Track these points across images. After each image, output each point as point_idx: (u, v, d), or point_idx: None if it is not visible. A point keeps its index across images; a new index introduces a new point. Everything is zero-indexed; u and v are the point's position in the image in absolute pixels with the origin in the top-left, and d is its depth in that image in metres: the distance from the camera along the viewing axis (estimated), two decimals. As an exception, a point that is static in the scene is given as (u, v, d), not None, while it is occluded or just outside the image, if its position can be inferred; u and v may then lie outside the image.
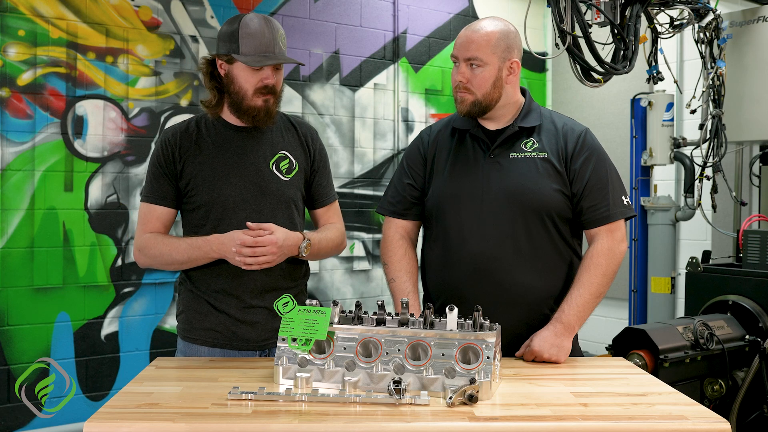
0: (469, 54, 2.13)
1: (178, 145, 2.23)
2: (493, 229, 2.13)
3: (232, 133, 2.25)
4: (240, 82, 2.17)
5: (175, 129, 2.27)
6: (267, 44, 2.15)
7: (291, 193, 2.27)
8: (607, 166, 2.19)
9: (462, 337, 1.72)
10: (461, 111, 2.18)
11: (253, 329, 2.21)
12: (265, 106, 2.19)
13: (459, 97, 2.17)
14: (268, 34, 2.15)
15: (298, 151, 2.31)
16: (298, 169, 2.29)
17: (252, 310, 2.21)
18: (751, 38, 4.09)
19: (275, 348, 2.21)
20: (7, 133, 3.67)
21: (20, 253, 3.70)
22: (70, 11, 3.83)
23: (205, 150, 2.23)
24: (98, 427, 1.50)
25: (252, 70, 2.15)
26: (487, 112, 2.18)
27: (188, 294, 2.26)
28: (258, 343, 2.23)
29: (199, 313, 2.23)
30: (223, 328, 2.21)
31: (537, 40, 5.51)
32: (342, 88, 4.75)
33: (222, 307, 2.21)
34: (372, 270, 4.84)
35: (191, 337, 2.24)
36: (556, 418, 1.55)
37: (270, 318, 2.20)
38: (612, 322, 4.75)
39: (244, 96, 2.18)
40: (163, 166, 2.22)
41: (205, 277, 2.22)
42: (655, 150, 4.35)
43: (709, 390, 3.19)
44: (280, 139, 2.29)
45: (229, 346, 2.21)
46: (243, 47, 2.14)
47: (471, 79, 2.14)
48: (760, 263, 3.51)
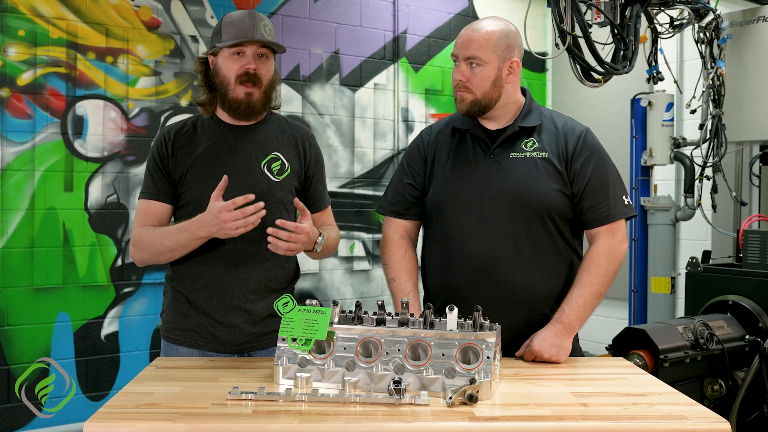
0: (469, 53, 2.13)
1: (172, 141, 2.23)
2: (494, 229, 2.13)
3: (226, 132, 2.24)
4: (223, 71, 2.17)
5: (172, 126, 2.28)
6: (246, 29, 2.14)
7: (281, 194, 2.24)
8: (608, 166, 2.19)
9: (462, 337, 1.72)
10: (461, 110, 2.19)
11: (231, 332, 2.19)
12: (247, 99, 2.17)
13: (458, 96, 2.17)
14: (249, 21, 2.15)
15: (292, 153, 2.29)
16: (290, 172, 2.27)
17: (232, 312, 2.19)
18: (751, 38, 4.09)
19: (255, 351, 2.22)
20: (7, 133, 3.68)
21: (20, 253, 3.70)
22: (70, 11, 3.83)
23: (198, 148, 2.22)
24: (98, 427, 1.50)
25: (233, 56, 2.15)
26: (487, 112, 2.18)
27: (171, 292, 2.26)
28: (236, 347, 2.21)
29: (179, 314, 2.22)
30: (201, 329, 2.20)
31: (537, 40, 5.52)
32: (342, 88, 4.75)
33: (203, 307, 2.19)
34: (372, 270, 4.84)
35: (171, 337, 2.24)
36: (556, 418, 1.55)
37: (249, 322, 2.19)
38: (612, 322, 4.75)
39: (227, 86, 2.17)
40: (158, 162, 2.23)
41: (188, 276, 2.21)
42: (655, 150, 4.35)
43: (709, 390, 3.19)
44: (275, 140, 2.28)
45: (207, 347, 2.20)
46: (224, 35, 2.16)
47: (470, 78, 2.14)
48: (760, 263, 3.51)
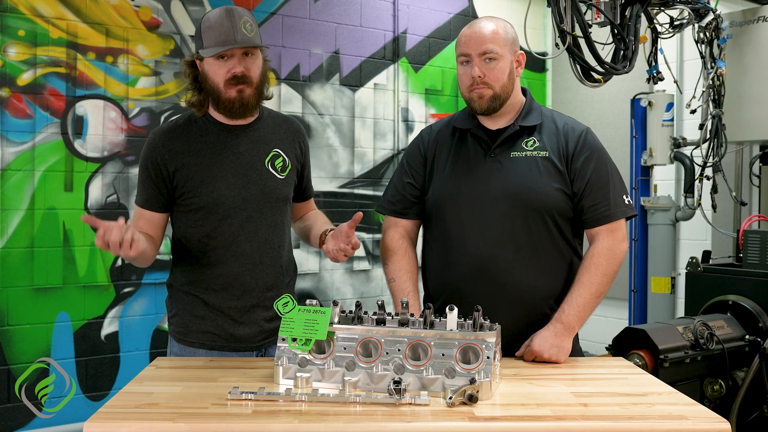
0: (484, 47, 2.11)
1: (167, 147, 2.18)
2: (494, 228, 2.13)
3: (224, 133, 2.22)
4: (211, 76, 2.15)
5: (162, 130, 2.22)
6: (226, 32, 2.11)
7: (287, 191, 2.28)
8: (608, 166, 2.19)
9: (462, 337, 1.72)
10: (480, 107, 2.14)
11: (251, 330, 2.20)
12: (240, 97, 2.15)
13: (477, 93, 2.13)
14: (227, 22, 2.11)
15: (290, 148, 2.30)
16: (291, 167, 2.29)
17: (252, 311, 2.20)
18: (751, 38, 4.09)
19: (272, 347, 2.22)
20: (7, 133, 3.67)
21: (20, 253, 3.70)
22: (70, 11, 3.83)
23: (199, 151, 2.19)
24: (98, 427, 1.50)
25: (218, 62, 2.13)
26: (502, 107, 2.17)
27: (182, 295, 2.23)
28: (255, 344, 2.22)
29: (196, 317, 2.20)
30: (220, 330, 2.19)
31: (537, 40, 5.51)
32: (342, 88, 4.75)
33: (222, 308, 2.19)
34: (372, 270, 4.84)
35: (187, 340, 2.21)
36: (556, 418, 1.55)
37: (267, 319, 2.20)
38: (612, 322, 4.74)
39: (218, 90, 2.15)
40: (150, 170, 2.18)
41: (204, 278, 2.20)
42: (655, 150, 4.35)
43: (709, 390, 3.18)
44: (272, 136, 2.27)
45: (227, 348, 2.20)
46: (206, 41, 2.13)
47: (487, 73, 2.11)
48: (760, 263, 3.51)
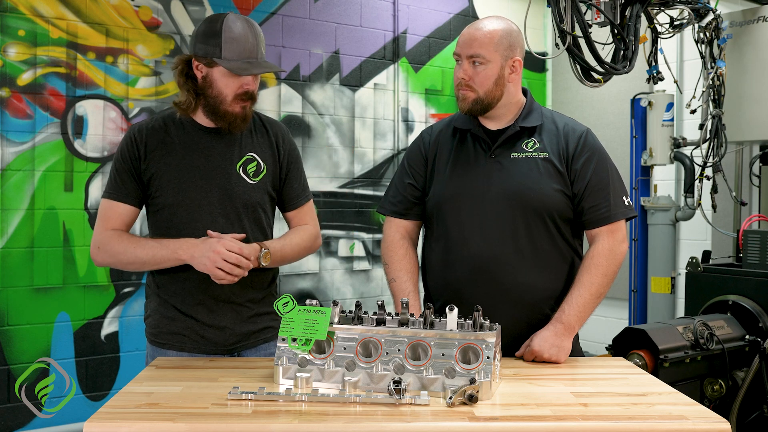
0: (472, 51, 2.12)
1: (144, 142, 2.16)
2: (494, 229, 2.13)
3: (200, 135, 2.19)
4: (219, 87, 2.11)
5: (142, 125, 2.20)
6: (251, 50, 2.08)
7: (258, 197, 2.21)
8: (608, 167, 2.19)
9: (462, 337, 1.72)
10: (463, 108, 2.18)
11: (221, 333, 2.18)
12: (243, 112, 2.14)
13: (461, 94, 2.16)
14: (252, 39, 2.08)
15: (267, 153, 2.25)
16: (266, 172, 2.23)
17: (220, 314, 2.18)
18: (751, 38, 4.09)
19: (246, 350, 2.21)
20: (7, 133, 3.68)
21: (20, 253, 3.70)
22: (70, 11, 3.83)
23: (172, 150, 2.16)
24: (98, 427, 1.50)
25: (233, 76, 2.09)
26: (489, 111, 2.17)
27: (155, 298, 2.23)
28: (226, 347, 2.20)
29: (166, 318, 2.20)
30: (190, 332, 2.18)
31: (537, 40, 5.51)
32: (342, 88, 4.75)
33: (190, 312, 2.17)
34: (372, 270, 4.84)
35: (158, 341, 2.21)
36: (556, 418, 1.55)
37: (238, 322, 2.19)
38: (612, 322, 4.74)
39: (222, 101, 2.11)
40: (127, 162, 2.16)
41: (171, 282, 2.18)
42: (655, 150, 4.35)
43: (709, 390, 3.18)
44: (249, 140, 2.23)
45: (197, 349, 2.18)
46: (226, 52, 2.07)
47: (473, 76, 2.13)
48: (760, 263, 3.51)
